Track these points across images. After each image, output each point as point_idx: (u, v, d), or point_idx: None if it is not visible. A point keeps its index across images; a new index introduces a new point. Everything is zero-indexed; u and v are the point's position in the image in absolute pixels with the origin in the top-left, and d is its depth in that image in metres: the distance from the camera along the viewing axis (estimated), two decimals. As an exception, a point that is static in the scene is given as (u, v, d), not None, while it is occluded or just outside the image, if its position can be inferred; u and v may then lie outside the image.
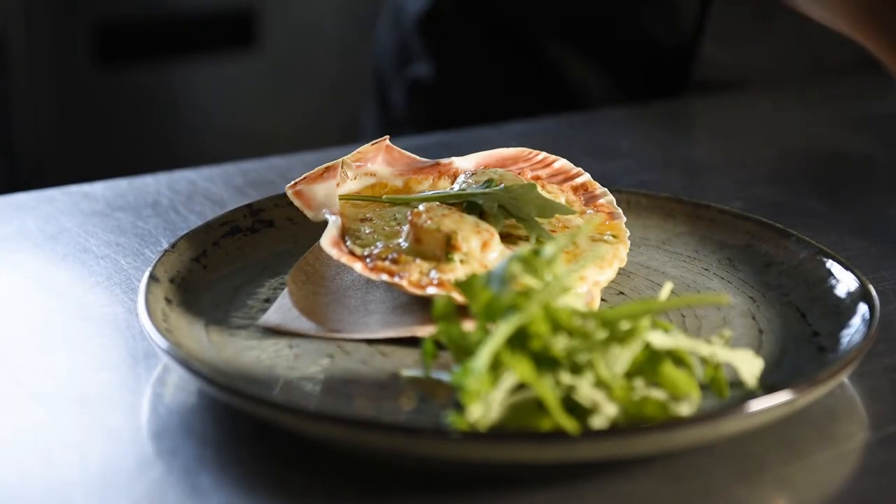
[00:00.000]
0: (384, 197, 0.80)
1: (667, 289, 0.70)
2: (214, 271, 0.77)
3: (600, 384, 0.60)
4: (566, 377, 0.59)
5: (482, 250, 0.72)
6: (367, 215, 0.79)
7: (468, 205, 0.77)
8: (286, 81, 2.29)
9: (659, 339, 0.62)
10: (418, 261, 0.72)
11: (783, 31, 1.30)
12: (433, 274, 0.71)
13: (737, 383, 0.65)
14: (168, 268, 0.75)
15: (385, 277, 0.71)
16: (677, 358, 0.63)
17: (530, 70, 1.32)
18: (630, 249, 0.79)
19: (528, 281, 0.62)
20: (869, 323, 0.69)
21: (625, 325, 0.61)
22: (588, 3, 1.29)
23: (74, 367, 0.70)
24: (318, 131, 2.31)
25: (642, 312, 0.61)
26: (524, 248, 0.74)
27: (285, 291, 0.74)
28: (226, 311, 0.73)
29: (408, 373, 0.67)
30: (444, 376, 0.66)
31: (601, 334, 0.61)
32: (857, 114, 1.25)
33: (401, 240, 0.74)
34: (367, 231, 0.76)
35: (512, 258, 0.63)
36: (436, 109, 1.36)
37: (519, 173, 0.83)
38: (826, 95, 1.30)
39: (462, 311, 0.65)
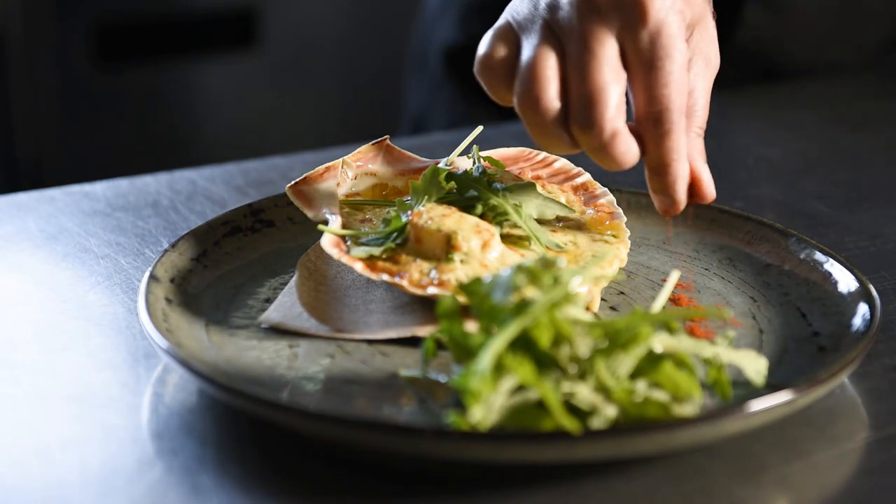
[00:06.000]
0: (398, 199, 0.80)
1: (673, 278, 0.70)
2: (215, 271, 0.77)
3: (601, 388, 0.60)
4: (566, 384, 0.60)
5: (482, 250, 0.72)
6: (368, 216, 0.79)
7: (468, 205, 0.76)
8: (286, 81, 2.28)
9: (662, 341, 0.62)
10: (418, 261, 0.72)
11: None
12: (433, 274, 0.71)
13: (739, 383, 0.65)
14: (168, 268, 0.75)
15: (386, 277, 0.71)
16: (678, 359, 0.63)
17: None
18: (630, 249, 0.79)
19: (532, 293, 0.62)
20: (869, 323, 0.69)
21: (627, 335, 0.61)
22: None
23: (74, 367, 0.70)
24: (318, 131, 2.31)
25: (644, 324, 0.61)
26: (530, 257, 0.74)
27: (286, 290, 0.74)
28: (226, 311, 0.73)
29: (407, 373, 0.67)
30: (443, 377, 0.66)
31: (603, 343, 0.61)
32: (857, 114, 1.25)
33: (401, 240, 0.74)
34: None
35: (516, 269, 0.63)
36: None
37: (519, 173, 0.83)
38: (826, 95, 1.30)
39: (464, 311, 0.65)
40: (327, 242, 0.73)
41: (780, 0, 1.25)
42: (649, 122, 0.68)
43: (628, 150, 0.67)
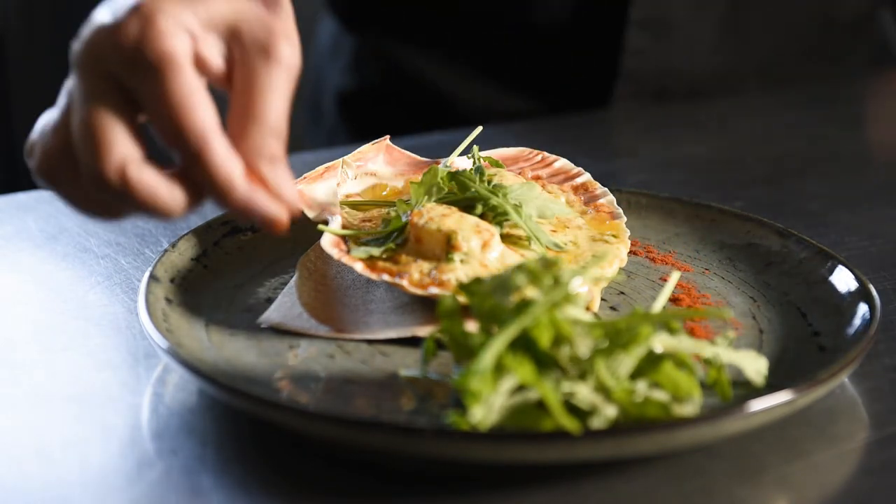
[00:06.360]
0: (398, 199, 0.80)
1: (674, 278, 0.70)
2: (214, 271, 0.77)
3: (601, 388, 0.60)
4: (566, 384, 0.60)
5: (482, 250, 0.72)
6: (368, 216, 0.79)
7: (468, 205, 0.76)
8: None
9: (662, 342, 0.62)
10: (418, 261, 0.72)
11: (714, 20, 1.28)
12: (433, 274, 0.71)
13: (738, 383, 0.65)
14: (168, 268, 0.75)
15: (386, 277, 0.71)
16: (678, 359, 0.63)
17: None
18: (630, 249, 0.79)
19: (532, 293, 0.62)
20: (869, 323, 0.69)
21: (627, 335, 0.61)
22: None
23: (74, 367, 0.70)
24: (318, 131, 2.30)
25: (644, 324, 0.61)
26: (530, 257, 0.74)
27: (286, 290, 0.74)
28: (226, 311, 0.73)
29: (407, 373, 0.67)
30: (442, 378, 0.66)
31: (603, 343, 0.61)
32: (856, 114, 1.25)
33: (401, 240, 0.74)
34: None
35: (516, 269, 0.63)
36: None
37: (519, 173, 0.83)
38: (824, 95, 1.30)
39: (464, 311, 0.65)
40: (327, 242, 0.73)
41: (661, 22, 1.24)
42: (175, 153, 0.62)
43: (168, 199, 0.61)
